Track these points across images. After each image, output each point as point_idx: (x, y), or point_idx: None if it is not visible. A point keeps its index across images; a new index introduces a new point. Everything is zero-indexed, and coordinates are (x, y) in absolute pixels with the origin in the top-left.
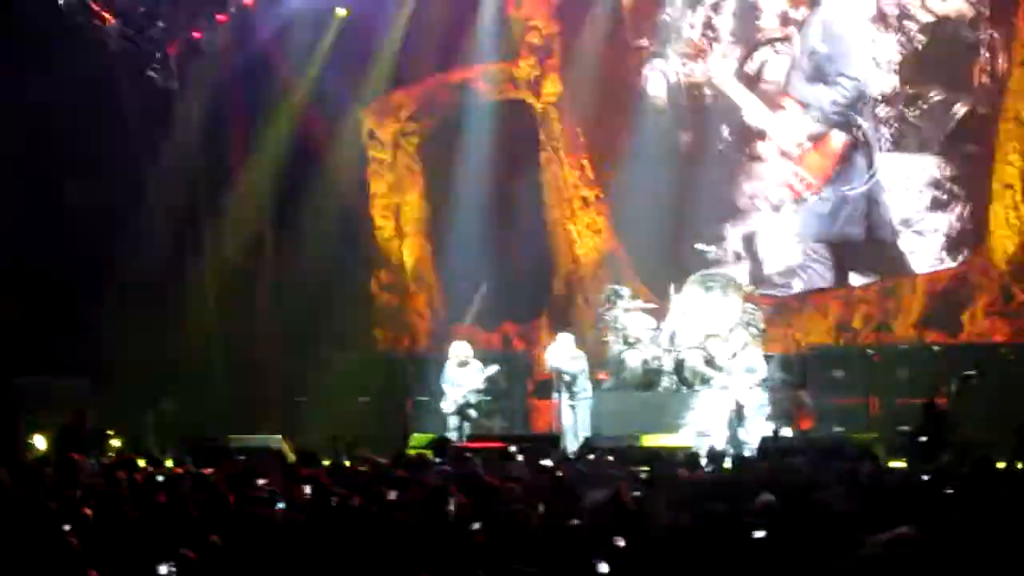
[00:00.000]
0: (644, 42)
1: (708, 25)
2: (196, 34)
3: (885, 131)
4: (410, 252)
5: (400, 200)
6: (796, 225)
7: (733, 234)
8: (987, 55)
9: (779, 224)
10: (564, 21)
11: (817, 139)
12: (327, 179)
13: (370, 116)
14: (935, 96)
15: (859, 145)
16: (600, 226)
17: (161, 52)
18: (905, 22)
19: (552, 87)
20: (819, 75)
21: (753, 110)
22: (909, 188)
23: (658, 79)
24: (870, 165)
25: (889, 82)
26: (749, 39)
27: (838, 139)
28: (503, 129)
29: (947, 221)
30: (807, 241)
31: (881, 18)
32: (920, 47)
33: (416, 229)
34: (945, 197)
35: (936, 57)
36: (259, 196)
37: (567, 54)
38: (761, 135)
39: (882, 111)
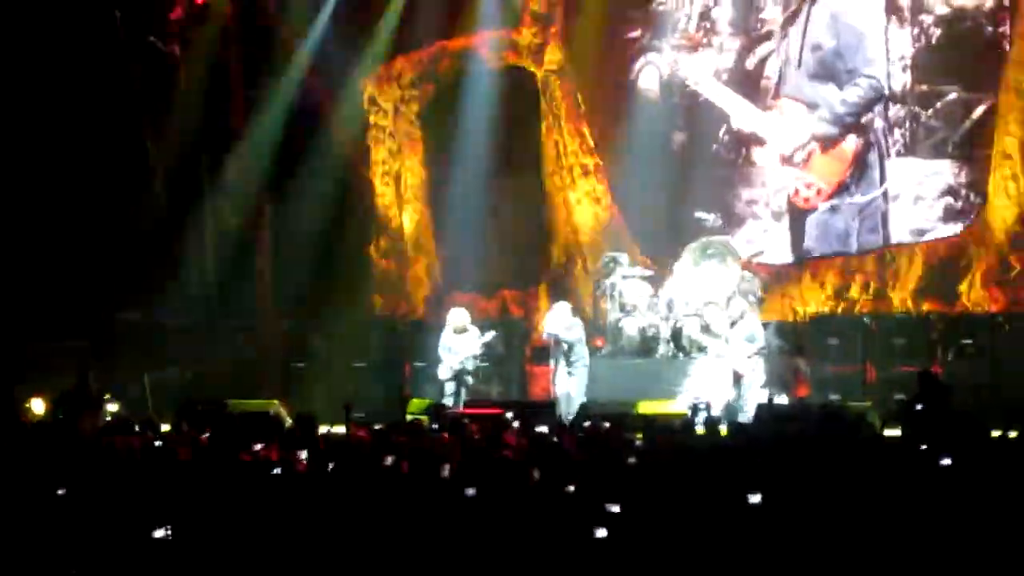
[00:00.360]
0: (636, 33)
1: (705, 16)
2: None
3: (897, 133)
4: (410, 218)
5: (400, 166)
6: (807, 236)
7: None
8: (1008, 50)
9: (782, 234)
10: None
11: (826, 141)
12: (328, 145)
13: (371, 82)
14: (951, 95)
15: (873, 148)
16: (599, 194)
17: (164, 17)
18: (920, 15)
19: (554, 55)
20: (827, 72)
21: (743, 114)
22: (923, 196)
23: (651, 73)
24: (883, 170)
25: (901, 80)
26: (750, 31)
27: (850, 142)
28: (504, 96)
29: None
30: (817, 252)
31: (893, 10)
32: (935, 42)
33: (416, 196)
34: (961, 205)
35: (953, 53)
36: (260, 161)
37: (569, 22)
38: (758, 139)
39: (894, 111)
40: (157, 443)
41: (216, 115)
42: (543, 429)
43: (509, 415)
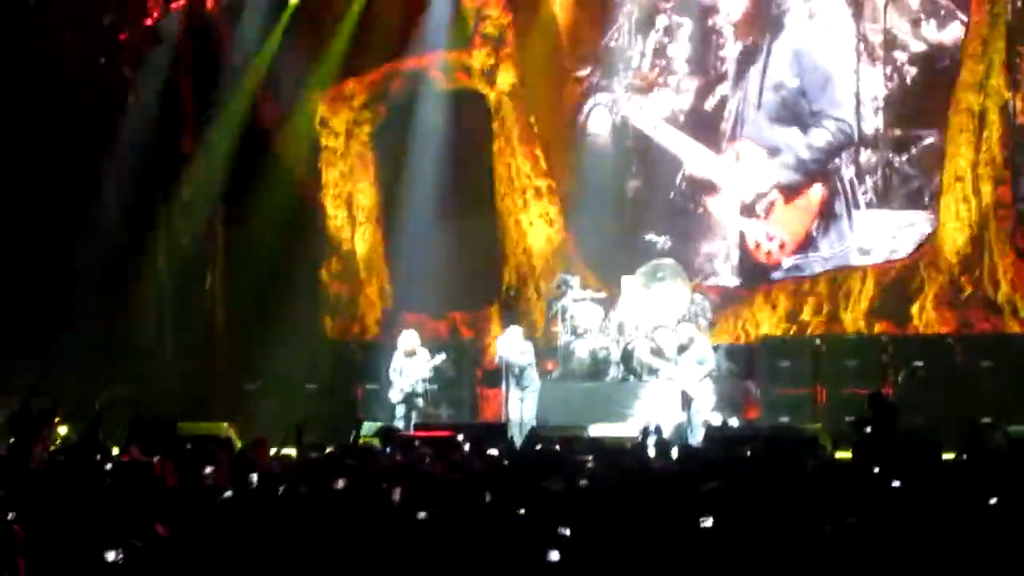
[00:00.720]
0: (584, 72)
1: (660, 53)
2: (150, 20)
3: (868, 181)
4: (361, 240)
5: (352, 188)
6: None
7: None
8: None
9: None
10: (517, 12)
11: (789, 190)
12: (279, 166)
13: (323, 104)
14: (928, 140)
15: (839, 196)
16: (552, 216)
17: (115, 38)
18: (893, 52)
19: (506, 77)
20: (790, 113)
21: (697, 161)
22: (897, 249)
23: (601, 116)
24: (852, 221)
25: (873, 123)
26: (708, 70)
27: (816, 190)
28: (456, 118)
29: None
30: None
31: (864, 47)
32: (911, 82)
33: (368, 217)
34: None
35: (930, 94)
36: (211, 183)
37: (521, 44)
38: (714, 187)
39: (865, 157)
40: (107, 465)
41: (168, 136)
42: (494, 452)
43: (460, 437)
